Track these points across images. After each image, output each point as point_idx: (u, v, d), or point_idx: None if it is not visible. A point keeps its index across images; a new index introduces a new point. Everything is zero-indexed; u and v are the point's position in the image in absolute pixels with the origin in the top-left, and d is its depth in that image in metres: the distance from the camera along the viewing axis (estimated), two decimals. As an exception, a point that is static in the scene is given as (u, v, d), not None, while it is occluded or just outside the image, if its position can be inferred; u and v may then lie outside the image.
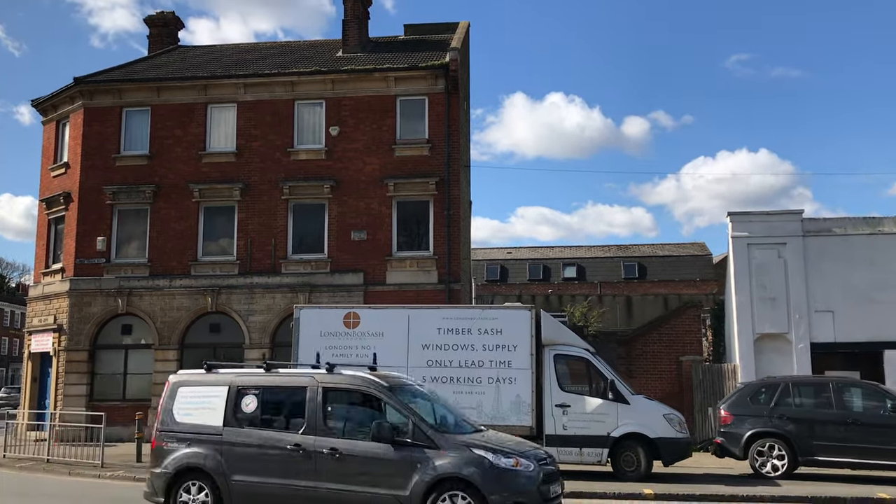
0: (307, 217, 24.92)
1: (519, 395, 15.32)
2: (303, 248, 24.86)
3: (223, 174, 25.28)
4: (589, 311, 43.57)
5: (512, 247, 62.61)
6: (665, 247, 58.22)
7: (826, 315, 21.00)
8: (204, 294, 24.52)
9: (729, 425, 15.96)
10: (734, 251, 21.84)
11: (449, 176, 24.47)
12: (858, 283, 20.97)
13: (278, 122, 25.38)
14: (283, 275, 24.51)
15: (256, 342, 24.10)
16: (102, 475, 16.04)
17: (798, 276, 21.17)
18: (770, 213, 22.27)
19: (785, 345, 21.08)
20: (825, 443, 15.08)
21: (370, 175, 24.72)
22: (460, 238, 24.88)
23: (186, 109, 25.79)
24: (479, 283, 48.84)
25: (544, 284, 55.09)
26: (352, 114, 25.15)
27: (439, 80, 24.87)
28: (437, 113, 24.89)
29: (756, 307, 21.26)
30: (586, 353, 16.02)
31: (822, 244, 21.34)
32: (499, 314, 16.14)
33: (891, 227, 21.31)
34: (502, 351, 15.61)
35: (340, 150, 25.00)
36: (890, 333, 20.65)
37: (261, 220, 24.92)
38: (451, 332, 15.81)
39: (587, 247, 60.33)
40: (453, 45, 25.92)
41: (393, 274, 24.24)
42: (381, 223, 24.50)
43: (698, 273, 53.42)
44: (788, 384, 16.22)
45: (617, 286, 53.84)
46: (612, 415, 15.18)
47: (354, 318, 16.19)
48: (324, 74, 25.30)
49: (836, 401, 15.54)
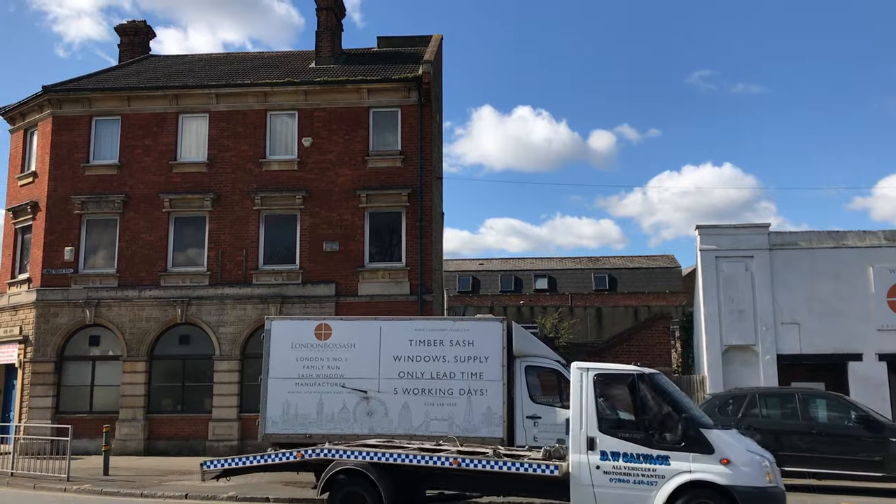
0: (279, 228, 24.84)
1: (490, 406, 15.37)
2: (274, 259, 24.76)
3: (194, 184, 25.13)
4: (560, 322, 43.88)
5: (484, 258, 62.80)
6: (635, 259, 58.74)
7: (792, 327, 21.36)
8: (174, 305, 24.30)
9: (697, 436, 16.10)
10: (702, 264, 22.14)
11: (421, 187, 24.55)
12: (823, 296, 21.38)
13: (250, 133, 25.30)
14: (255, 286, 24.39)
15: (227, 354, 23.92)
16: (68, 489, 15.80)
17: (765, 288, 21.52)
18: (737, 227, 22.63)
19: (752, 356, 21.40)
20: (791, 453, 15.27)
21: (343, 186, 24.72)
22: (433, 249, 24.95)
23: (157, 119, 25.62)
24: (451, 295, 48.92)
25: (516, 296, 55.30)
26: (324, 125, 25.15)
27: (412, 92, 24.98)
28: (409, 125, 24.98)
29: (724, 319, 21.57)
30: (557, 364, 16.12)
31: (788, 257, 21.73)
32: (470, 326, 16.19)
33: (854, 242, 21.76)
34: (474, 363, 15.65)
35: (313, 161, 24.98)
36: (853, 345, 21.08)
37: (232, 230, 24.79)
38: (423, 343, 15.83)
39: (558, 258, 60.67)
40: (426, 58, 26.07)
41: (365, 285, 24.22)
42: (354, 234, 24.49)
43: (668, 285, 53.96)
44: (755, 395, 16.44)
45: (588, 298, 54.21)
46: (583, 426, 15.24)
47: (326, 329, 16.15)
48: (297, 85, 25.29)
49: (801, 412, 15.77)
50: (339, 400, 15.64)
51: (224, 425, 23.46)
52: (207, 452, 22.96)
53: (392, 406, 15.49)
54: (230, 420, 23.49)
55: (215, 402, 23.70)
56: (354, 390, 15.63)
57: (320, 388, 15.73)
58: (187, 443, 23.52)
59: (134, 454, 22.97)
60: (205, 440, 23.39)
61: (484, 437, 15.18)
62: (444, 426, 15.32)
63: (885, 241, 21.74)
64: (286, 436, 15.74)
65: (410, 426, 15.39)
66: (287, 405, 15.72)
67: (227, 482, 14.56)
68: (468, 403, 15.44)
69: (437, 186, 27.24)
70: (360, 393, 15.61)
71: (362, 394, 15.60)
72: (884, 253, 21.55)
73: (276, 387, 15.86)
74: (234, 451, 22.91)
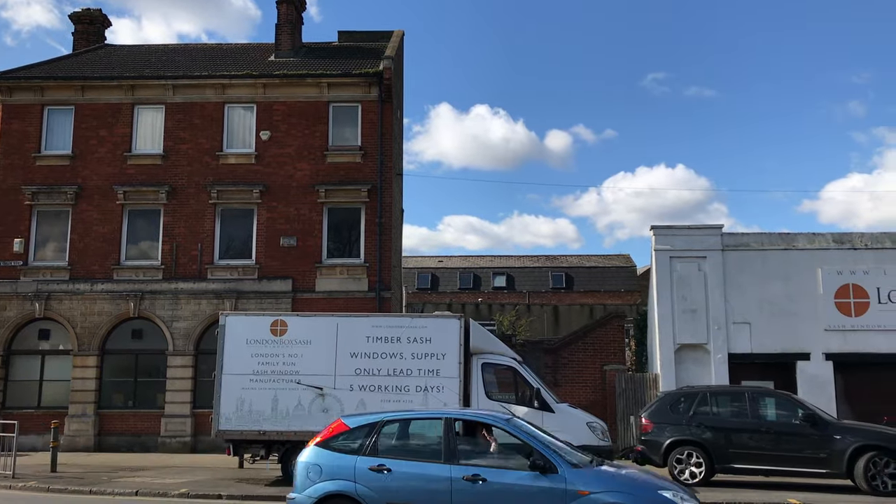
0: (235, 222, 24.58)
1: (446, 403, 15.39)
2: (230, 254, 24.50)
3: (149, 177, 24.73)
4: (517, 320, 44.12)
5: (443, 255, 62.84)
6: (591, 258, 59.31)
7: (743, 327, 21.77)
8: (126, 299, 23.90)
9: (649, 433, 16.36)
10: (657, 264, 22.45)
11: (381, 184, 24.49)
12: (774, 297, 21.82)
13: (207, 125, 24.98)
14: (210, 280, 24.10)
15: (181, 349, 23.60)
16: (14, 486, 15.43)
17: (717, 288, 21.90)
18: (691, 228, 22.97)
19: (704, 355, 21.77)
20: (740, 450, 15.55)
21: (301, 181, 24.54)
22: (391, 246, 24.91)
23: (112, 110, 25.15)
24: (409, 291, 48.87)
25: (474, 293, 55.43)
26: (283, 119, 24.94)
27: (373, 87, 24.89)
28: (370, 120, 24.89)
29: (677, 318, 21.90)
30: (513, 361, 16.21)
31: (740, 258, 22.13)
32: (428, 323, 16.20)
33: (804, 244, 22.24)
34: (431, 359, 15.67)
35: (271, 155, 24.76)
36: (802, 345, 21.56)
37: (187, 224, 24.45)
38: (381, 340, 15.80)
39: (517, 256, 60.98)
40: (388, 54, 25.99)
41: (322, 281, 24.09)
42: (312, 230, 24.34)
43: (623, 284, 54.59)
44: (706, 393, 16.70)
45: (545, 296, 54.58)
46: (538, 423, 15.30)
47: (282, 325, 16.02)
48: (255, 78, 25.03)
49: (751, 410, 16.04)
50: (295, 396, 15.53)
51: (177, 421, 23.15)
52: (159, 449, 22.71)
53: (348, 403, 15.43)
54: (183, 416, 23.19)
55: (168, 397, 23.38)
56: (310, 387, 15.54)
57: (275, 384, 15.60)
58: (139, 439, 23.17)
59: (83, 451, 22.55)
60: (157, 436, 23.06)
61: (440, 434, 15.22)
62: (400, 423, 15.31)
63: (833, 243, 22.26)
64: (240, 432, 15.60)
65: (366, 423, 15.35)
66: (241, 401, 15.57)
67: (180, 479, 14.38)
68: (425, 400, 15.45)
69: (397, 183, 27.20)
70: (316, 389, 15.53)
71: (318, 390, 15.52)
72: (832, 255, 22.07)
73: (230, 383, 15.69)
74: (187, 448, 22.72)
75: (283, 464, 15.49)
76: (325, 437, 9.40)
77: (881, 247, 22.03)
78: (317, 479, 9.05)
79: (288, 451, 15.45)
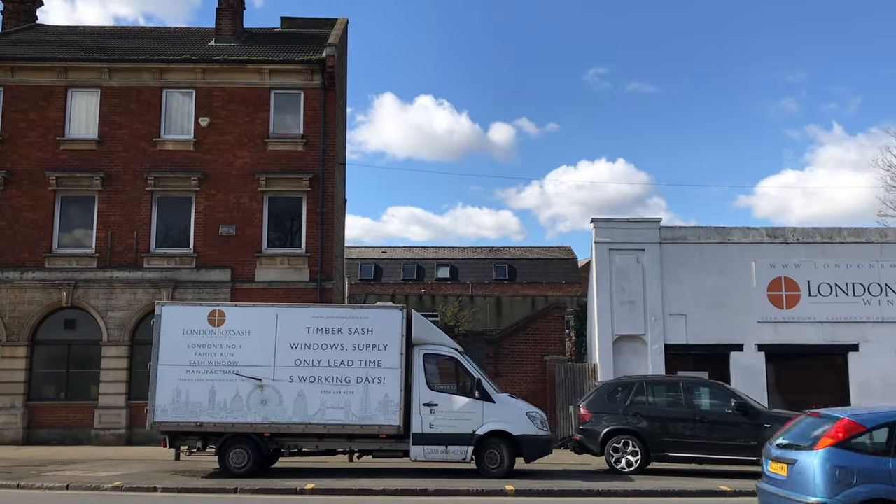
0: (173, 210, 24.05)
1: (387, 394, 15.36)
2: (167, 243, 23.98)
3: (83, 162, 24.02)
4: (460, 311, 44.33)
5: (387, 246, 62.63)
6: (534, 250, 59.85)
7: (679, 318, 22.22)
8: (59, 288, 23.20)
9: (587, 423, 16.61)
10: (596, 256, 22.74)
11: (324, 173, 24.24)
12: (709, 289, 22.32)
13: (144, 111, 24.36)
14: (146, 269, 23.55)
15: (115, 339, 23.04)
16: (-63, 481, 14.87)
17: (655, 281, 22.30)
18: (630, 221, 23.30)
19: (641, 346, 22.15)
20: (675, 439, 15.92)
21: (241, 169, 24.14)
22: (334, 236, 24.69)
23: (44, 92, 24.33)
24: (352, 283, 48.60)
25: (418, 284, 55.43)
26: (223, 105, 24.48)
27: (316, 75, 24.59)
28: (312, 108, 24.60)
29: (616, 309, 22.23)
30: (455, 352, 16.25)
31: (677, 251, 22.57)
32: (370, 314, 16.11)
33: (739, 238, 22.79)
34: (372, 350, 15.60)
35: (210, 142, 24.29)
36: (736, 336, 22.11)
37: (123, 211, 23.85)
38: (321, 331, 15.66)
39: (461, 248, 61.15)
40: (331, 41, 25.69)
41: (263, 271, 23.77)
42: (252, 219, 23.97)
43: (564, 276, 55.24)
44: (643, 383, 17.02)
45: (488, 287, 54.90)
46: (478, 413, 15.47)
47: (220, 315, 15.74)
48: (195, 63, 24.48)
49: (685, 399, 16.43)
50: (233, 388, 15.30)
51: (111, 413, 22.61)
52: (93, 442, 22.18)
53: (287, 394, 15.27)
54: (118, 408, 22.66)
55: (102, 389, 22.81)
56: (248, 378, 15.33)
57: (213, 375, 15.33)
58: (71, 431, 22.57)
59: (11, 444, 21.89)
60: (90, 429, 22.51)
61: (381, 425, 15.21)
62: (341, 414, 15.24)
63: (766, 237, 22.86)
64: (176, 424, 15.32)
65: (306, 414, 15.24)
66: (178, 393, 15.27)
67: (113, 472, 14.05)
68: (365, 391, 15.38)
69: (340, 172, 26.97)
70: (255, 381, 15.32)
71: (257, 382, 15.32)
72: (765, 249, 22.66)
73: (166, 374, 15.37)
74: (122, 441, 22.24)
75: (221, 456, 15.28)
76: (841, 438, 8.99)
77: (812, 241, 22.71)
78: (850, 482, 8.70)
79: (225, 443, 15.26)
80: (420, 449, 15.28)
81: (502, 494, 13.51)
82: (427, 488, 13.62)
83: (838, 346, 22.10)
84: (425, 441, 15.27)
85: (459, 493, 13.49)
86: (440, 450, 15.28)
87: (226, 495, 13.42)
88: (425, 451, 15.26)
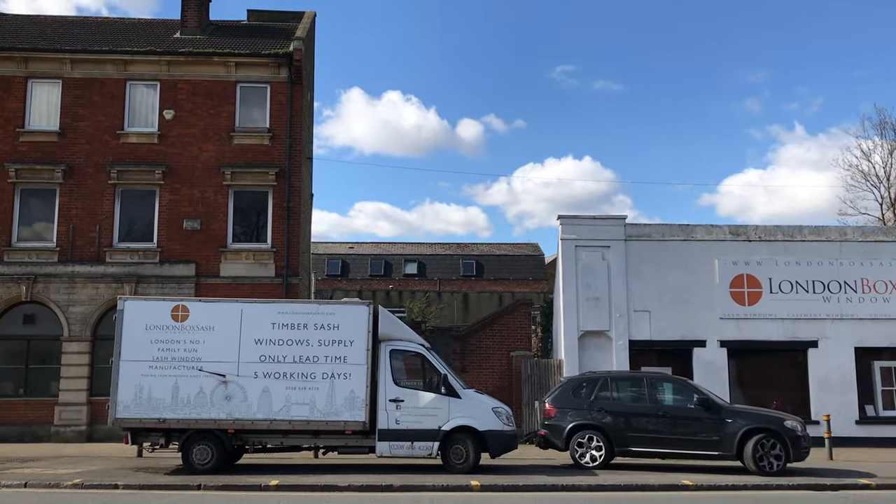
0: (136, 204, 23.74)
1: (353, 390, 15.30)
2: (131, 237, 23.67)
3: (44, 154, 23.60)
4: (427, 307, 44.32)
5: (354, 241, 62.40)
6: (502, 246, 60.04)
7: (644, 315, 22.47)
8: (18, 282, 22.78)
9: (552, 418, 16.71)
10: (563, 252, 22.90)
11: (290, 167, 24.08)
12: (673, 286, 22.59)
13: (108, 103, 24.01)
14: (108, 264, 23.22)
15: (77, 335, 22.68)
16: None
17: (620, 277, 22.51)
18: (596, 218, 23.50)
19: (606, 342, 22.37)
20: (639, 434, 16.06)
21: (206, 162, 23.89)
22: (300, 231, 24.55)
23: (3, 83, 23.90)
24: (319, 278, 48.36)
25: (385, 280, 55.31)
26: (188, 98, 24.20)
27: (283, 68, 24.41)
28: (279, 102, 24.42)
29: (581, 306, 22.41)
30: (422, 348, 16.23)
31: (642, 248, 22.80)
32: (336, 309, 16.03)
33: (702, 235, 23.09)
34: (338, 346, 15.51)
35: (175, 135, 24.00)
36: (698, 333, 22.42)
37: (85, 205, 23.48)
38: (287, 326, 15.54)
39: (428, 244, 61.13)
40: (299, 34, 25.52)
41: (227, 266, 23.56)
42: (217, 213, 23.74)
43: (531, 272, 55.50)
44: (607, 379, 17.15)
45: (455, 283, 54.96)
46: (444, 409, 15.48)
47: (183, 311, 15.54)
48: (159, 55, 24.17)
49: (649, 395, 16.58)
50: (196, 384, 15.13)
51: (72, 410, 22.27)
52: (53, 439, 21.84)
53: (252, 390, 15.14)
54: (79, 404, 22.33)
55: (63, 385, 22.45)
56: (212, 374, 15.16)
57: (176, 371, 15.14)
58: (30, 429, 22.19)
59: (-31, 441, 21.45)
60: (50, 425, 22.15)
61: (346, 421, 15.14)
62: (306, 410, 15.14)
63: (729, 235, 23.19)
64: (139, 420, 15.10)
65: (271, 410, 15.12)
66: (140, 389, 15.06)
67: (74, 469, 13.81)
68: (331, 387, 15.30)
69: (307, 167, 26.81)
70: (219, 377, 15.16)
71: (220, 377, 15.16)
72: (728, 246, 22.99)
73: (128, 369, 15.15)
74: (83, 438, 21.91)
75: (184, 452, 15.12)
76: None
77: (774, 239, 23.09)
78: None
79: (189, 440, 15.08)
80: (386, 445, 15.25)
81: (468, 489, 13.55)
82: (392, 484, 13.61)
83: (798, 343, 22.51)
84: (391, 437, 15.25)
85: (425, 489, 13.49)
86: (406, 446, 15.27)
87: (189, 492, 13.28)
88: (391, 447, 15.24)
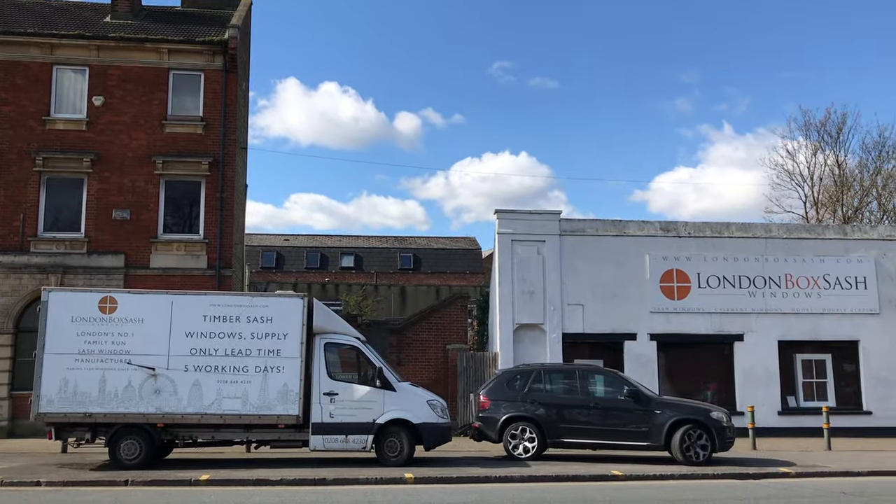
0: (63, 192, 23.01)
1: (287, 383, 15.16)
2: (57, 226, 22.93)
3: (-37, 139, 22.65)
4: (364, 300, 44.10)
5: (289, 234, 61.68)
6: (439, 240, 60.19)
7: (577, 308, 22.84)
8: (-66, 272, 21.86)
9: (487, 410, 16.84)
10: (499, 246, 23.10)
11: (224, 157, 23.67)
12: (605, 280, 23.02)
13: (33, 87, 23.19)
14: (33, 254, 22.46)
15: (-2, 327, 21.89)
16: None
17: (554, 271, 22.83)
18: (532, 213, 23.77)
19: (541, 334, 22.67)
20: (571, 426, 16.31)
21: (137, 151, 23.30)
22: (233, 222, 24.16)
23: (-81, 63, 22.81)
24: (253, 270, 47.67)
25: (322, 273, 54.88)
26: (119, 84, 23.55)
27: (217, 56, 23.95)
28: (213, 90, 23.95)
29: (517, 299, 22.65)
30: (357, 341, 16.17)
31: (576, 243, 23.16)
32: (270, 302, 15.84)
33: (634, 231, 23.57)
34: (272, 339, 15.35)
35: (104, 123, 23.33)
36: (629, 326, 22.91)
37: (8, 192, 22.66)
38: (219, 319, 15.29)
39: (365, 237, 60.90)
40: (234, 22, 25.07)
41: (158, 257, 23.04)
42: (147, 203, 23.19)
43: (468, 266, 55.81)
44: (540, 371, 17.35)
45: (393, 276, 54.89)
46: (379, 402, 15.46)
47: (111, 302, 15.15)
48: (88, 39, 23.45)
49: (580, 387, 16.84)
50: (125, 377, 14.77)
51: (-8, 405, 21.50)
52: (-29, 435, 21.01)
53: (182, 384, 14.86)
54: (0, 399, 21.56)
55: (-18, 379, 21.63)
56: (141, 367, 14.84)
57: (103, 364, 14.76)
58: (-53, 424, 21.33)
59: None
60: (-31, 421, 21.33)
61: (279, 415, 15.00)
62: (238, 404, 14.94)
63: (660, 231, 23.73)
64: (63, 415, 14.68)
65: (201, 404, 14.87)
66: (65, 382, 14.63)
67: None
68: (264, 381, 15.13)
69: (241, 157, 26.38)
70: (148, 370, 14.84)
71: (150, 371, 14.84)
72: (659, 242, 23.53)
73: (52, 363, 14.70)
74: (4, 433, 21.18)
75: (111, 447, 14.76)
76: None
77: (702, 235, 23.72)
78: None
79: (116, 434, 14.74)
80: (319, 438, 15.16)
81: (401, 482, 13.56)
82: (326, 477, 13.54)
83: (725, 336, 23.20)
84: (325, 430, 15.17)
85: (358, 482, 13.46)
86: (340, 439, 15.21)
87: (116, 488, 12.96)
88: (325, 441, 15.16)
